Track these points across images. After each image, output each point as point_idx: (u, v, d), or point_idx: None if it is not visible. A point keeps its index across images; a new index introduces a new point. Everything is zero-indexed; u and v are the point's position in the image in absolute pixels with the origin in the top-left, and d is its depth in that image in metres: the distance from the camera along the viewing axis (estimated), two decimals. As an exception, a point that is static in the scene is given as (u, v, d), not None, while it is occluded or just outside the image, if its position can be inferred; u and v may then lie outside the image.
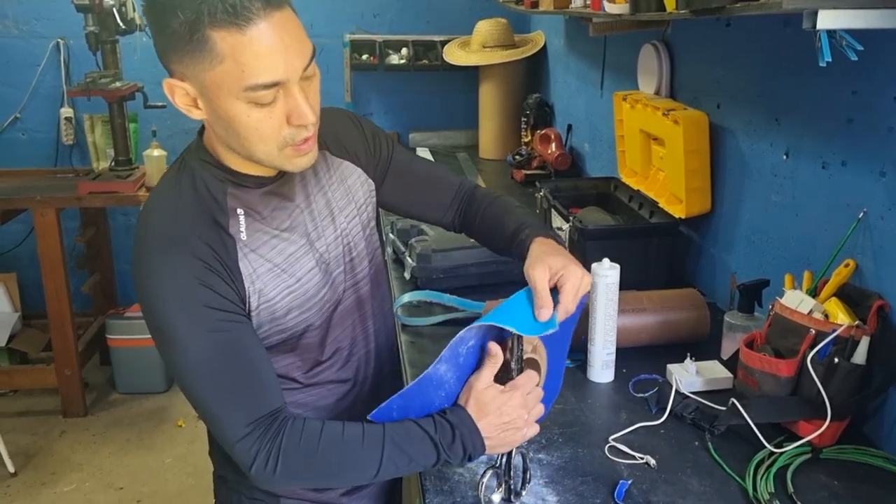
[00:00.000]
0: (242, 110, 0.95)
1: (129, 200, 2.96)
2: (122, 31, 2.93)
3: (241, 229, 1.04)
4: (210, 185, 1.05)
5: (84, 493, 2.73)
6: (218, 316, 0.99)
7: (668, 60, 2.05)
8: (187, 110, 0.99)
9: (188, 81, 0.96)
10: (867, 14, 1.03)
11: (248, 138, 0.98)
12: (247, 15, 0.90)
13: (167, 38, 0.93)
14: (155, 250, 0.99)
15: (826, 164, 1.41)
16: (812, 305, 1.27)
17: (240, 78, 0.92)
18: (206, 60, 0.92)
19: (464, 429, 1.02)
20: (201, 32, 0.90)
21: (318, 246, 1.13)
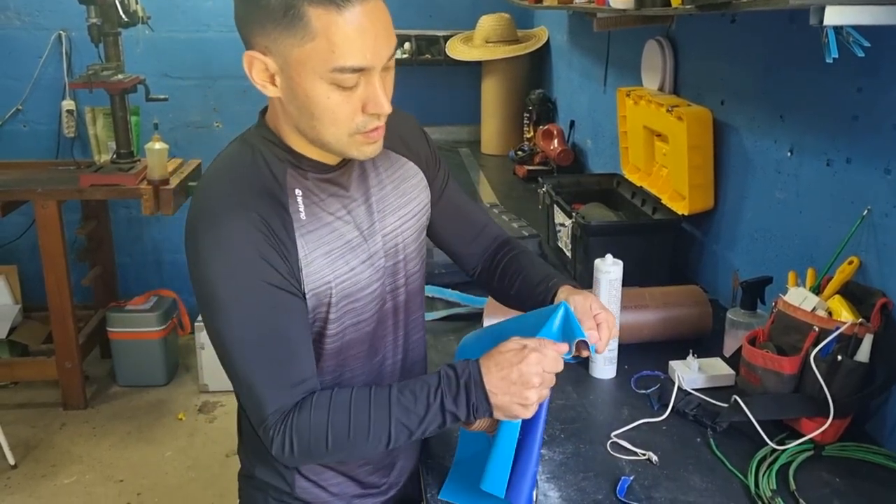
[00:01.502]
0: (323, 91, 0.95)
1: (131, 193, 2.96)
2: (125, 23, 2.92)
3: (299, 209, 1.04)
4: (271, 164, 1.04)
5: (84, 485, 2.74)
6: (271, 291, 0.98)
7: (672, 56, 2.05)
8: (262, 86, 0.99)
9: (271, 56, 0.96)
10: (874, 10, 1.03)
11: (321, 120, 0.98)
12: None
13: (258, 9, 0.93)
14: (213, 218, 0.98)
15: (830, 161, 1.40)
16: (815, 303, 1.27)
17: (328, 58, 0.93)
18: (298, 36, 0.92)
19: (468, 379, 0.98)
20: (297, 8, 0.90)
21: (370, 242, 1.11)
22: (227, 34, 3.56)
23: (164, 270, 3.84)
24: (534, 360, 0.98)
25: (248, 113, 3.76)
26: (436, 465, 1.22)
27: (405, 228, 1.18)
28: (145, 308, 3.32)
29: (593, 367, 1.48)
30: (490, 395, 0.98)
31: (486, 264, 1.33)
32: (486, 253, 1.33)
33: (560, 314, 1.05)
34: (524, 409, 0.98)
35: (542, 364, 0.98)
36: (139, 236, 3.80)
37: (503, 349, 1.00)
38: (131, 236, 3.79)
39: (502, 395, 0.97)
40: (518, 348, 0.99)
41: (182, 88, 3.57)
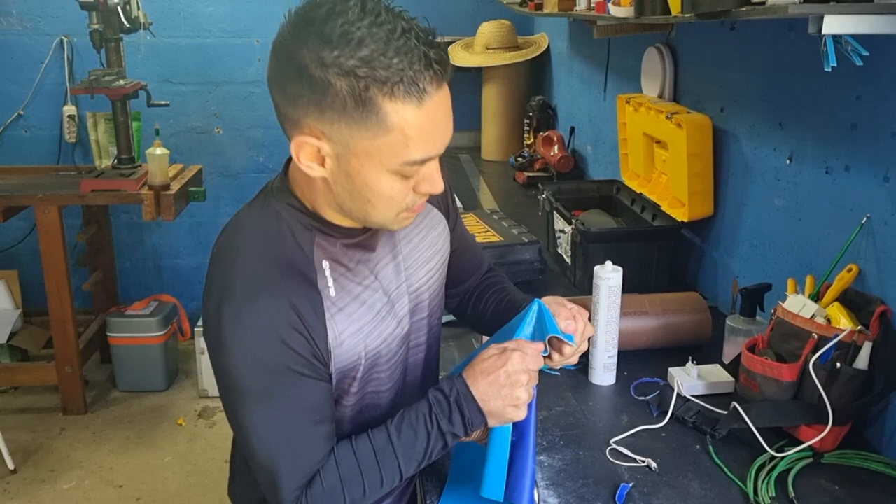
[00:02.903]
0: (386, 181, 0.92)
1: (132, 198, 2.96)
2: (127, 29, 2.93)
3: (328, 284, 0.99)
4: (297, 233, 0.99)
5: (83, 490, 2.73)
6: (295, 379, 0.94)
7: (671, 64, 2.05)
8: (308, 167, 0.93)
9: (327, 141, 0.90)
10: (873, 19, 1.03)
11: (375, 205, 0.94)
12: (426, 89, 0.87)
13: (320, 95, 0.87)
14: (237, 304, 0.92)
15: (829, 168, 1.41)
16: (814, 310, 1.27)
17: (401, 152, 0.89)
18: (370, 129, 0.87)
19: (457, 395, 0.98)
20: (374, 101, 0.86)
21: (398, 305, 1.08)
22: (227, 40, 3.57)
23: (164, 276, 3.85)
24: (517, 359, 0.99)
25: (249, 118, 3.79)
26: (433, 474, 1.22)
27: (432, 283, 1.15)
28: (145, 313, 3.32)
29: (592, 374, 1.48)
30: (481, 403, 0.98)
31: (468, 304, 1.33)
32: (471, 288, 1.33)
33: (533, 311, 1.06)
34: (516, 409, 0.99)
35: (526, 362, 0.99)
36: (140, 241, 3.81)
37: (484, 357, 1.00)
38: (132, 241, 3.79)
39: (493, 400, 0.98)
40: (498, 353, 1.00)
41: (183, 94, 3.58)
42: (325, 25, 0.85)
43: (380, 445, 0.98)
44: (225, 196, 3.77)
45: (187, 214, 3.45)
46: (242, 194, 3.78)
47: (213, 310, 0.95)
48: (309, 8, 0.88)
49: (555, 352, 1.07)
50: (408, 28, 0.87)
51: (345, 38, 0.84)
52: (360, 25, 0.84)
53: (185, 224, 3.74)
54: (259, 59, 3.61)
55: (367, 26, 0.85)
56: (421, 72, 0.86)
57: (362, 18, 0.85)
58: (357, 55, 0.84)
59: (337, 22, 0.85)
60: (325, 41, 0.85)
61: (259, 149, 3.73)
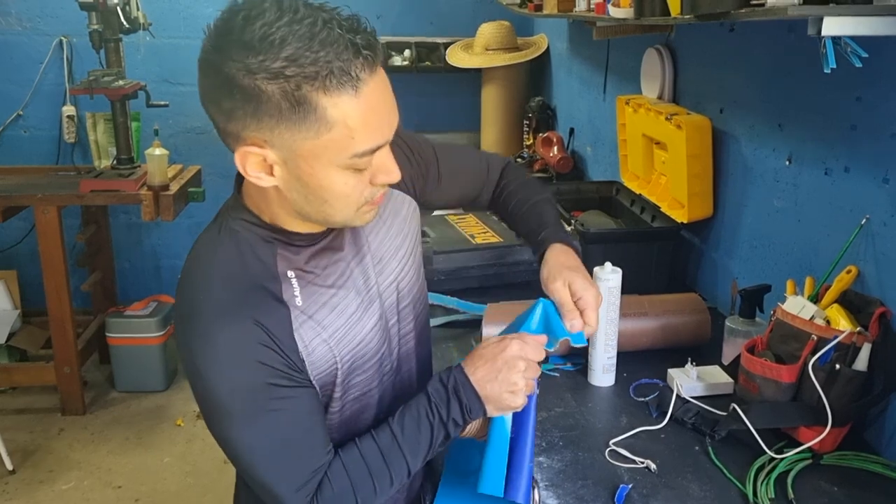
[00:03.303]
0: (339, 178, 0.90)
1: (131, 199, 2.96)
2: (126, 29, 2.93)
3: (295, 293, 0.97)
4: (256, 249, 0.97)
5: (82, 491, 2.73)
6: (275, 392, 0.93)
7: (671, 65, 2.05)
8: (257, 178, 0.91)
9: (271, 148, 0.88)
10: (872, 21, 1.03)
11: (333, 205, 0.92)
12: (360, 76, 0.85)
13: (253, 104, 0.84)
14: (205, 330, 0.91)
15: (829, 170, 1.41)
16: (814, 311, 1.28)
17: (348, 145, 0.87)
18: (311, 129, 0.85)
19: (455, 382, 0.98)
20: (309, 100, 0.84)
21: (374, 305, 1.06)
22: (227, 41, 3.57)
23: (163, 276, 3.84)
24: (515, 345, 0.99)
25: (249, 119, 3.77)
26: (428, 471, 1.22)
27: (406, 271, 1.13)
28: (144, 314, 3.32)
29: (592, 375, 1.48)
30: (478, 388, 0.98)
31: (491, 202, 1.34)
32: (487, 189, 1.33)
33: (538, 312, 1.06)
34: (514, 396, 0.98)
35: (524, 350, 0.99)
36: (139, 242, 3.80)
37: (483, 345, 1.01)
38: (131, 242, 3.79)
39: (490, 384, 0.98)
40: (497, 341, 1.01)
41: (182, 94, 3.58)
42: (244, 32, 0.83)
43: (385, 444, 0.98)
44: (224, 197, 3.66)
45: (186, 215, 3.45)
46: (242, 195, 3.77)
47: (183, 340, 0.94)
48: (226, 19, 0.86)
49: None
50: (328, 18, 0.84)
51: (266, 40, 0.82)
52: (278, 25, 0.82)
53: (184, 224, 3.73)
54: (258, 59, 3.60)
55: (287, 24, 0.82)
56: (350, 60, 0.84)
57: (280, 18, 0.83)
58: (281, 55, 0.82)
59: (255, 26, 0.83)
60: (247, 48, 0.83)
61: (258, 149, 3.73)
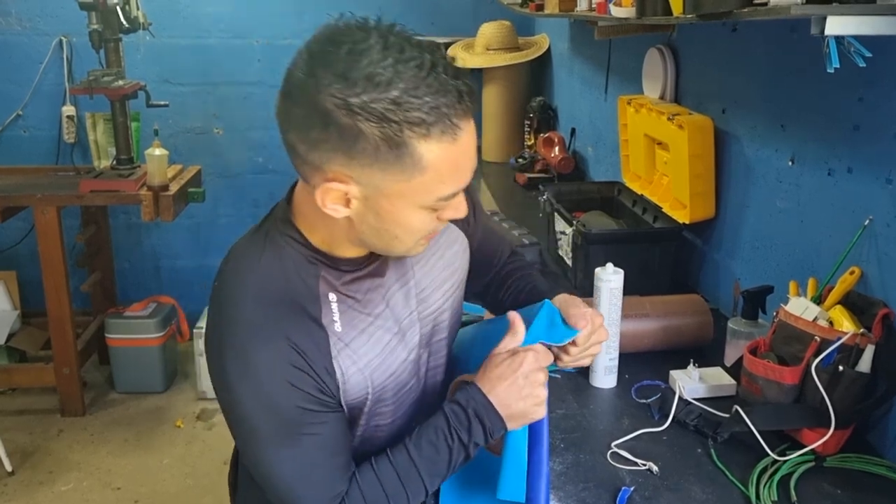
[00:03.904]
0: (417, 217, 0.90)
1: (131, 199, 2.95)
2: (126, 29, 2.92)
3: (334, 318, 0.96)
4: (300, 268, 0.95)
5: (81, 492, 2.72)
6: (306, 415, 0.92)
7: (673, 65, 2.05)
8: (333, 210, 0.89)
9: (355, 184, 0.87)
10: (875, 20, 1.03)
11: (403, 239, 0.93)
12: (459, 124, 0.84)
13: (352, 143, 0.83)
14: (239, 348, 0.90)
15: (832, 170, 1.40)
16: (817, 313, 1.27)
17: (435, 189, 0.87)
18: (405, 172, 0.84)
19: (475, 405, 0.97)
20: (408, 144, 0.83)
21: (410, 333, 1.05)
22: (227, 41, 3.56)
23: (163, 277, 3.84)
24: (531, 358, 0.98)
25: (249, 119, 3.79)
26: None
27: (448, 305, 1.11)
28: (144, 314, 3.31)
29: (593, 377, 1.48)
30: (501, 409, 0.97)
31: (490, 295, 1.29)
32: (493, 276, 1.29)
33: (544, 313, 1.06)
34: (539, 408, 0.99)
35: (539, 360, 0.99)
36: (138, 242, 3.80)
37: (495, 363, 0.99)
38: (130, 242, 3.78)
39: (515, 403, 0.97)
40: (509, 356, 0.99)
41: (182, 94, 3.57)
42: (349, 68, 0.81)
43: (402, 466, 0.97)
44: (224, 197, 3.76)
45: (186, 215, 3.44)
46: (241, 195, 3.77)
47: (217, 355, 0.93)
48: (326, 49, 0.83)
49: (562, 352, 1.07)
50: (434, 62, 0.83)
51: (371, 80, 0.80)
52: (385, 65, 0.80)
53: (183, 225, 3.73)
54: (259, 60, 3.60)
55: (393, 65, 0.81)
56: (453, 107, 0.83)
57: (386, 57, 0.81)
58: (387, 97, 0.80)
59: (361, 63, 0.80)
60: (349, 85, 0.80)
61: (258, 150, 3.73)
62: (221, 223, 3.81)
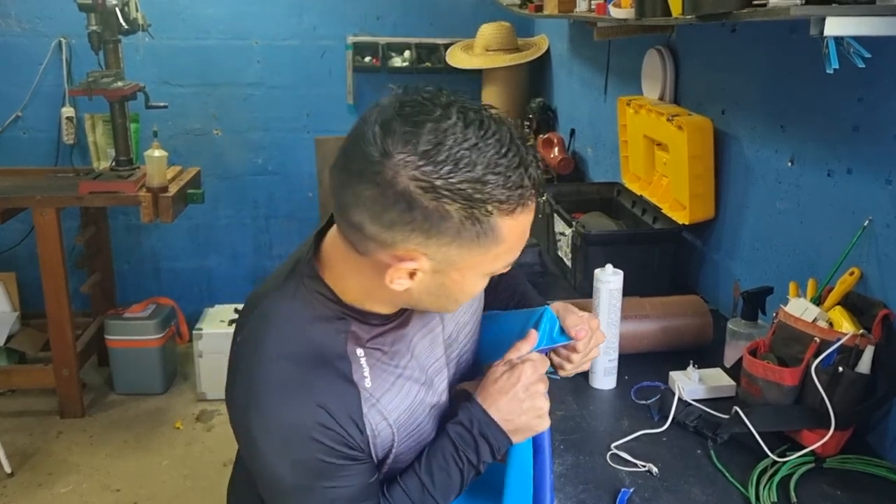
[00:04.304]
0: (480, 283, 0.91)
1: (130, 200, 2.95)
2: (125, 30, 2.92)
3: (364, 374, 0.94)
4: (329, 325, 0.93)
5: (81, 494, 2.72)
6: (335, 472, 0.91)
7: (672, 66, 2.05)
8: (397, 284, 0.87)
9: (428, 260, 0.85)
10: (875, 21, 1.03)
11: (460, 302, 0.94)
12: (532, 196, 0.85)
13: (434, 224, 0.81)
14: (266, 406, 0.89)
15: (831, 171, 1.40)
16: (816, 314, 1.27)
17: (506, 257, 0.88)
18: (483, 246, 0.84)
19: (479, 425, 0.96)
20: (491, 222, 0.82)
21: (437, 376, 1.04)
22: (227, 42, 3.56)
23: (162, 278, 3.83)
24: (530, 370, 0.98)
25: (248, 120, 3.78)
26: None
27: (468, 349, 1.11)
28: (143, 316, 3.31)
29: (593, 378, 1.48)
30: (504, 424, 0.96)
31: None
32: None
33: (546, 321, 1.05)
34: (541, 420, 0.98)
35: (538, 370, 0.99)
36: (138, 244, 3.79)
37: (494, 376, 0.99)
38: (130, 244, 3.78)
39: (517, 417, 0.97)
40: (507, 369, 0.99)
41: (182, 96, 3.57)
42: (433, 149, 0.79)
43: (416, 494, 0.96)
44: (223, 198, 3.75)
45: (185, 216, 3.44)
46: (241, 196, 3.77)
47: (241, 411, 0.91)
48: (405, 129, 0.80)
49: (564, 360, 1.06)
50: (511, 136, 0.83)
51: (458, 162, 0.79)
52: (469, 145, 0.79)
53: (183, 226, 3.72)
54: (258, 61, 3.60)
55: (475, 144, 0.79)
56: (530, 180, 0.83)
57: (468, 136, 0.79)
58: (471, 176, 0.79)
59: (446, 144, 0.79)
60: (433, 165, 0.78)
61: (258, 151, 3.72)
62: (221, 224, 3.80)
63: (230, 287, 3.82)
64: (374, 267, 0.88)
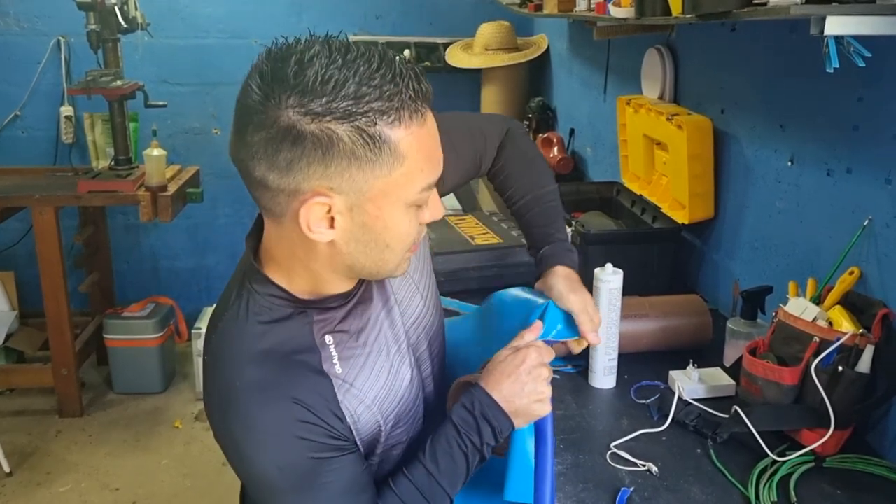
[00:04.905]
0: (404, 218, 0.87)
1: (129, 200, 2.95)
2: (124, 29, 2.91)
3: (334, 362, 0.94)
4: (289, 322, 0.93)
5: (80, 493, 2.72)
6: (324, 466, 0.91)
7: (672, 65, 2.05)
8: (319, 234, 0.86)
9: (338, 195, 0.83)
10: (875, 21, 1.02)
11: (394, 249, 0.89)
12: (422, 108, 0.83)
13: (326, 149, 0.80)
14: (244, 413, 0.88)
15: (831, 170, 1.40)
16: (816, 313, 1.27)
17: (417, 178, 0.85)
18: (385, 166, 0.82)
19: (481, 406, 0.96)
20: (381, 136, 0.81)
21: (404, 346, 1.03)
22: (225, 41, 3.56)
23: (161, 277, 3.83)
24: (534, 354, 0.99)
25: (247, 120, 3.77)
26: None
27: (429, 307, 1.10)
28: (142, 315, 3.31)
29: (593, 377, 1.47)
30: (505, 405, 0.96)
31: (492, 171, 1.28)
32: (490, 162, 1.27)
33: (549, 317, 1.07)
34: (542, 404, 0.98)
35: (542, 356, 0.99)
36: (137, 243, 3.79)
37: (498, 360, 0.99)
38: (129, 243, 3.77)
39: (518, 399, 0.97)
40: (511, 353, 1.00)
41: (181, 95, 3.57)
42: (301, 78, 0.80)
43: (422, 482, 0.96)
44: (222, 197, 3.75)
45: (184, 216, 3.43)
46: (240, 196, 3.76)
47: (222, 424, 0.91)
48: (274, 69, 0.82)
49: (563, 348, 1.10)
50: (382, 55, 0.83)
51: (326, 82, 0.79)
52: (335, 66, 0.80)
53: (182, 225, 3.72)
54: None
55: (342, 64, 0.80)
56: (412, 91, 0.83)
57: (335, 59, 0.80)
58: (345, 93, 0.79)
59: (311, 70, 0.80)
60: (306, 93, 0.79)
61: (257, 150, 3.72)
62: (220, 223, 3.80)
63: (229, 286, 3.82)
64: (296, 230, 0.87)
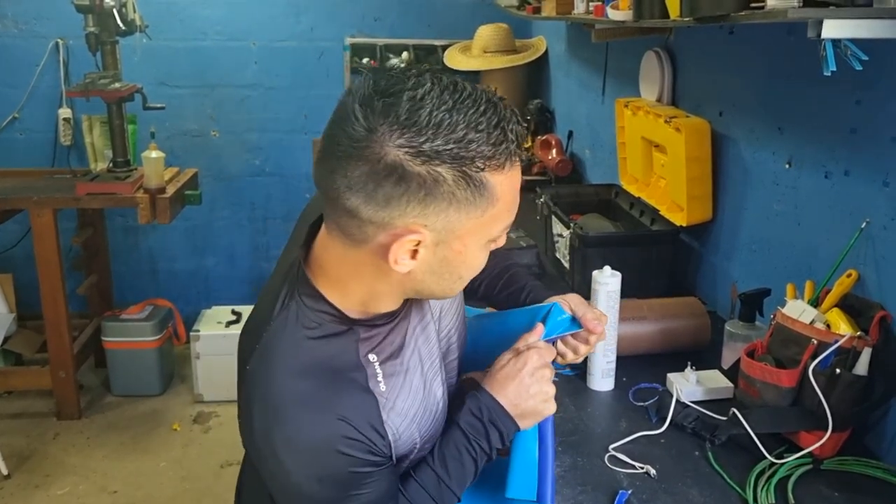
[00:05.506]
0: (481, 254, 0.90)
1: (127, 202, 2.94)
2: (123, 31, 2.91)
3: (378, 380, 0.94)
4: (339, 338, 0.93)
5: (78, 496, 2.71)
6: (361, 480, 0.90)
7: (670, 67, 2.05)
8: (401, 265, 0.86)
9: (429, 232, 0.84)
10: (872, 24, 1.03)
11: (465, 279, 0.93)
12: (516, 151, 0.85)
13: (429, 190, 0.81)
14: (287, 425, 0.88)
15: (829, 173, 1.40)
16: (814, 315, 1.27)
17: (503, 218, 0.88)
18: (480, 207, 0.84)
19: (489, 412, 0.97)
20: (483, 180, 0.82)
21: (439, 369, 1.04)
22: (224, 43, 3.56)
23: (159, 279, 3.83)
24: (535, 356, 1.00)
25: (245, 121, 3.78)
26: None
27: (458, 321, 1.11)
28: (140, 317, 3.31)
29: (591, 380, 1.48)
30: (511, 409, 0.98)
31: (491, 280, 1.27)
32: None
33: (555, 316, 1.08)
34: (548, 404, 1.00)
35: (544, 358, 1.01)
36: (135, 245, 3.79)
37: (501, 364, 1.01)
38: (127, 245, 3.77)
39: (524, 402, 0.98)
40: (513, 356, 1.01)
41: (179, 97, 3.57)
42: (413, 116, 0.79)
43: (432, 487, 0.97)
44: (221, 199, 3.75)
45: (183, 218, 3.44)
46: (238, 198, 3.76)
47: (263, 436, 0.90)
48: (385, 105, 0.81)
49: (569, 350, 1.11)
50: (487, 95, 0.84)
51: (440, 124, 0.80)
52: (445, 108, 0.80)
53: (180, 227, 3.72)
54: (255, 62, 3.60)
55: (453, 106, 0.81)
56: (511, 135, 0.84)
57: (445, 100, 0.81)
58: (454, 137, 0.80)
59: (425, 109, 0.80)
60: (417, 134, 0.79)
61: (255, 152, 3.72)
62: (218, 226, 3.80)
63: (228, 288, 3.82)
64: (374, 257, 0.87)
